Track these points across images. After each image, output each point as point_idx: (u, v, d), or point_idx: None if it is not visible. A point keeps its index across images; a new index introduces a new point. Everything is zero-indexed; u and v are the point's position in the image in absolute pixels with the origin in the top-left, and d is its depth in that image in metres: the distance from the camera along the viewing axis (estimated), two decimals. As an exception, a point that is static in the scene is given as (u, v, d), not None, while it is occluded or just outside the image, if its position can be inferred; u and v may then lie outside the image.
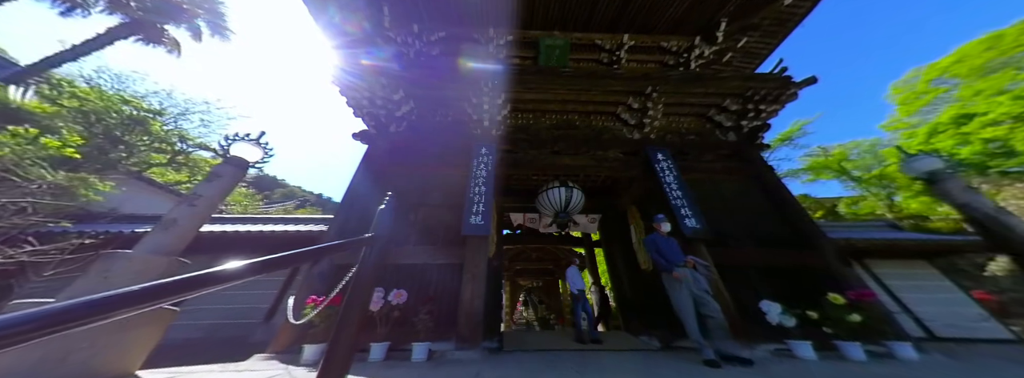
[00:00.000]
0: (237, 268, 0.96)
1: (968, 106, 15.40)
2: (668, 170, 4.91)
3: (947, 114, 15.72)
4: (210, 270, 0.89)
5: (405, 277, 3.75)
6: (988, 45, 15.62)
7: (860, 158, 19.39)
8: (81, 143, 5.47)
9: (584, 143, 5.49)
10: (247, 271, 1.04)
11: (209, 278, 0.86)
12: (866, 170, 18.75)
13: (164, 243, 2.58)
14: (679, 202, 4.51)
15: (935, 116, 16.79)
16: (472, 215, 4.17)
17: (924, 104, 17.93)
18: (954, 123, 15.46)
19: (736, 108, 5.50)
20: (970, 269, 7.41)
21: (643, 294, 5.70)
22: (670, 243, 3.59)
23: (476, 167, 4.75)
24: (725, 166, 5.29)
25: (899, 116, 18.92)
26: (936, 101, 17.49)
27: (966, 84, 16.09)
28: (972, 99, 15.49)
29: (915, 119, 18.30)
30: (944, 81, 17.35)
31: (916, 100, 18.09)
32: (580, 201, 5.71)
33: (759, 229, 4.49)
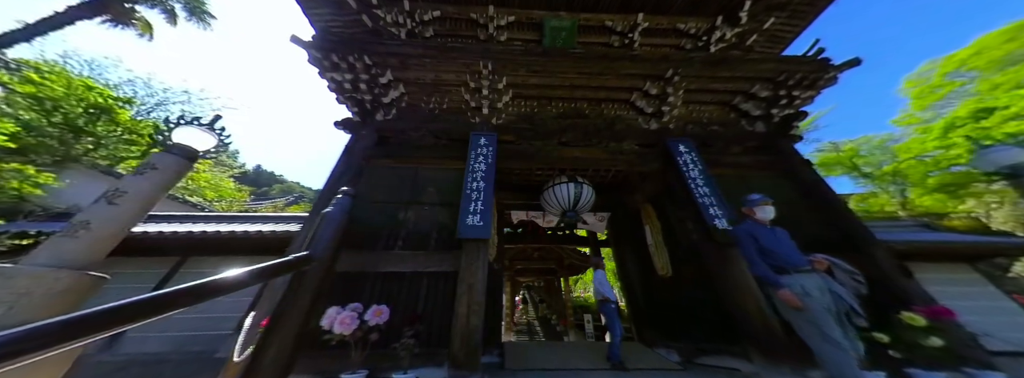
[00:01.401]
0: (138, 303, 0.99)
1: (987, 100, 14.81)
2: (692, 164, 4.32)
3: (965, 108, 15.14)
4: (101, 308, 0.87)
5: (389, 289, 3.18)
6: (1009, 36, 14.99)
7: (870, 154, 18.86)
8: (13, 131, 4.85)
9: (595, 133, 4.89)
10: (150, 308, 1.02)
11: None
12: (877, 166, 18.22)
13: (68, 252, 1.99)
14: (706, 200, 3.93)
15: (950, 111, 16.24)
16: (469, 215, 3.59)
17: (939, 98, 17.34)
18: (973, 117, 14.87)
19: (766, 94, 4.90)
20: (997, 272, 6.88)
21: (659, 301, 5.15)
22: (777, 236, 2.62)
23: (474, 160, 4.16)
24: (754, 160, 4.70)
25: (912, 111, 18.33)
26: (951, 95, 16.91)
27: (985, 77, 15.49)
28: (991, 93, 14.89)
29: (929, 114, 17.73)
30: (961, 74, 16.76)
31: (931, 94, 17.50)
32: (590, 198, 5.13)
33: (798, 231, 3.91)
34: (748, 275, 3.31)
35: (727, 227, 3.65)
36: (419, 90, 5.08)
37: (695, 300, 4.31)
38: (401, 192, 4.08)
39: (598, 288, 4.47)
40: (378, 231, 3.63)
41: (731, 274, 3.40)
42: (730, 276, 3.40)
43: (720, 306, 3.82)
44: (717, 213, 3.79)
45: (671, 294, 4.84)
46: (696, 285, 4.31)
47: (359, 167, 4.17)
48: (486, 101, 4.80)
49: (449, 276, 3.31)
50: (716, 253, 3.59)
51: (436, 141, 4.67)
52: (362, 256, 3.35)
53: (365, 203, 3.91)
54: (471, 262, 3.29)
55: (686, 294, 4.51)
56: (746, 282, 3.28)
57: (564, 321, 12.08)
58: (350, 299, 2.87)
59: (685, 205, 4.24)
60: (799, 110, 4.89)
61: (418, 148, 4.53)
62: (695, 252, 4.41)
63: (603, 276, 4.64)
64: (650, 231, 5.16)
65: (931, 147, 15.80)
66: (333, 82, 4.55)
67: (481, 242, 3.45)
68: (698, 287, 4.27)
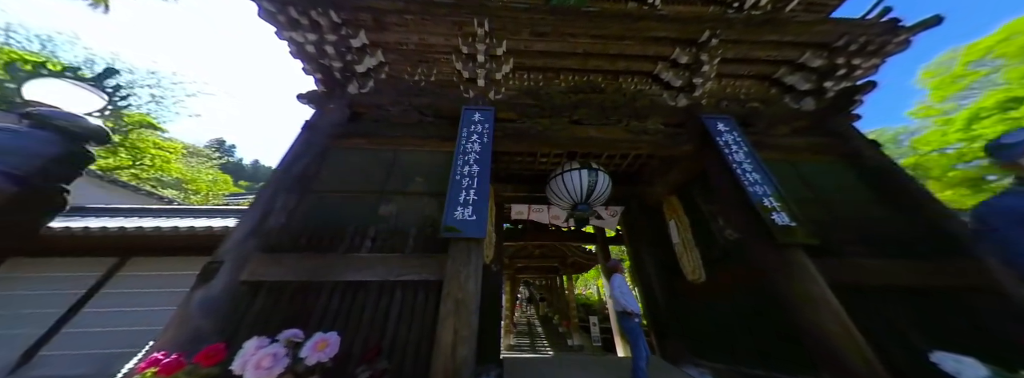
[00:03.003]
0: None
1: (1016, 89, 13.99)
2: (736, 144, 3.51)
3: (991, 98, 14.32)
4: None
5: (348, 306, 2.37)
6: (1043, 20, 14.10)
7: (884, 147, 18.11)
8: None
9: (614, 110, 4.07)
10: None
11: None
12: (894, 160, 17.43)
13: None
14: (758, 189, 3.12)
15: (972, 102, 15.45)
16: (458, 207, 2.78)
17: (960, 88, 16.51)
18: (1000, 108, 14.05)
19: (819, 64, 4.07)
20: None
21: (687, 310, 4.37)
22: None
23: (466, 138, 3.34)
24: (805, 142, 3.89)
25: (931, 102, 17.51)
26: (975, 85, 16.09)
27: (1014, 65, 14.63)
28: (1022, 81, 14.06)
29: (949, 105, 16.91)
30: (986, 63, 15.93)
31: (952, 84, 16.66)
32: (607, 188, 4.32)
33: (871, 230, 3.12)
34: (823, 286, 2.52)
35: (791, 223, 2.85)
36: (402, 58, 4.24)
37: (737, 312, 3.53)
38: (374, 179, 3.27)
39: (617, 297, 3.67)
40: (341, 228, 2.82)
41: (799, 283, 2.61)
42: (797, 286, 2.61)
43: (773, 321, 3.04)
44: (773, 204, 2.99)
45: (703, 303, 4.06)
46: (739, 293, 3.53)
47: (322, 148, 3.35)
48: (482, 71, 3.96)
49: (430, 287, 2.51)
50: (775, 256, 2.79)
51: (421, 118, 3.84)
52: (315, 260, 2.55)
53: (326, 192, 3.10)
54: (460, 268, 2.49)
55: (724, 304, 3.73)
56: (821, 294, 2.49)
57: (567, 323, 11.35)
58: (290, 323, 2.07)
59: (726, 196, 3.45)
60: (858, 83, 4.06)
61: (399, 126, 3.71)
62: (736, 253, 3.62)
63: (622, 282, 3.84)
64: (676, 227, 4.37)
65: (953, 139, 15.03)
66: (294, 45, 3.70)
67: (473, 242, 2.64)
68: (742, 296, 3.49)
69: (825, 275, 2.56)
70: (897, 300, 2.60)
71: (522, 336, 12.94)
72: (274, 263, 2.51)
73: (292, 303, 2.37)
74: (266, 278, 2.44)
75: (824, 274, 2.57)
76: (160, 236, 4.12)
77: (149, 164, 8.43)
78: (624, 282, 3.84)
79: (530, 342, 11.57)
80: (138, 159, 8.31)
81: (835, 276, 2.62)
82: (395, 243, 2.78)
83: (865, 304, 2.57)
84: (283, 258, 2.55)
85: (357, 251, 2.68)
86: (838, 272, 2.68)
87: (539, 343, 11.58)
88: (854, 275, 2.74)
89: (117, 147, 8.15)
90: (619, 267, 4.11)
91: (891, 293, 2.64)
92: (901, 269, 2.73)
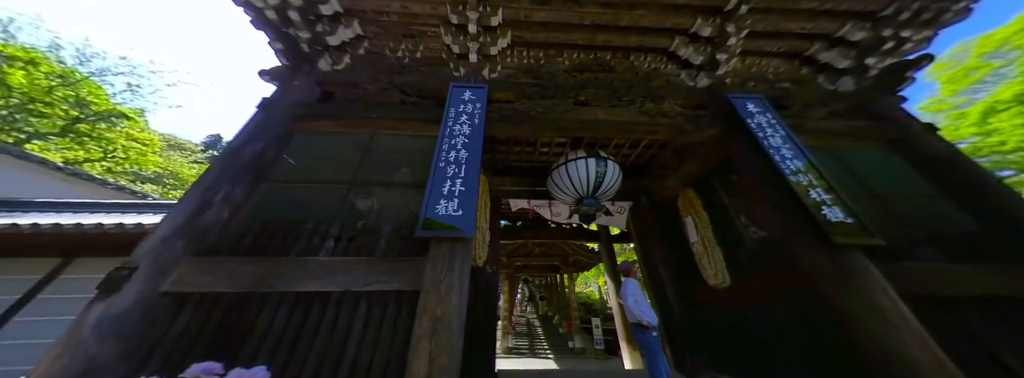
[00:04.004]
0: None
1: (1034, 81, 13.50)
2: (771, 128, 3.00)
3: (1008, 91, 13.84)
4: None
5: (294, 324, 1.86)
6: (1066, 8, 13.57)
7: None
8: None
9: (626, 90, 3.55)
10: None
11: None
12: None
13: None
14: (802, 178, 2.61)
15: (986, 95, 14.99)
16: (441, 199, 2.26)
17: (973, 82, 16.03)
18: (1017, 101, 13.58)
19: (861, 37, 3.54)
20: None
21: (708, 319, 3.87)
22: None
23: (454, 119, 2.82)
24: (847, 126, 3.37)
25: (943, 96, 17.03)
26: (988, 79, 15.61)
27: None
28: (1037, 73, 13.56)
29: (961, 99, 16.43)
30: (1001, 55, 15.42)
31: (964, 78, 16.17)
32: (616, 180, 3.81)
33: (938, 229, 2.62)
34: (895, 298, 2.01)
35: (846, 219, 2.34)
36: (383, 32, 3.70)
37: (771, 323, 3.03)
38: (344, 167, 2.75)
39: (631, 307, 3.15)
40: (298, 225, 2.31)
41: (860, 293, 2.10)
42: (858, 296, 2.10)
43: (819, 335, 2.54)
44: (822, 197, 2.48)
45: (727, 311, 3.57)
46: (773, 301, 3.02)
47: (283, 130, 2.82)
48: (474, 44, 3.43)
49: (404, 299, 2.00)
50: (826, 259, 2.29)
51: (404, 98, 3.32)
52: (261, 266, 2.03)
53: (285, 183, 2.58)
54: (441, 276, 1.97)
55: (754, 313, 3.23)
56: (894, 309, 1.98)
57: (569, 324, 10.87)
58: (220, 348, 1.57)
59: (759, 187, 2.94)
60: (906, 58, 3.54)
61: (377, 106, 3.18)
62: (768, 254, 3.12)
63: (636, 289, 3.32)
64: (695, 225, 3.86)
65: (967, 134, 14.54)
66: (251, 10, 3.16)
67: (459, 243, 2.13)
68: (777, 305, 2.99)
69: (900, 283, 2.05)
70: (986, 314, 2.10)
71: (521, 337, 12.48)
72: (208, 269, 2.00)
73: (226, 321, 1.85)
74: (195, 288, 1.93)
75: (899, 282, 2.06)
76: (106, 234, 3.60)
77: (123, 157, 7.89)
78: (638, 288, 3.33)
79: (529, 344, 11.11)
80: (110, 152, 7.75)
81: (910, 283, 2.12)
82: (363, 244, 2.26)
83: (945, 315, 2.07)
84: (220, 263, 2.03)
85: (315, 254, 2.16)
86: (905, 279, 2.18)
87: (538, 345, 11.12)
88: (927, 283, 2.24)
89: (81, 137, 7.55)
90: (632, 271, 3.59)
91: (978, 305, 2.13)
92: (987, 276, 2.23)
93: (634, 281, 3.41)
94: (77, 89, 7.26)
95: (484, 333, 3.86)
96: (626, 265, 3.77)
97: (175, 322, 1.83)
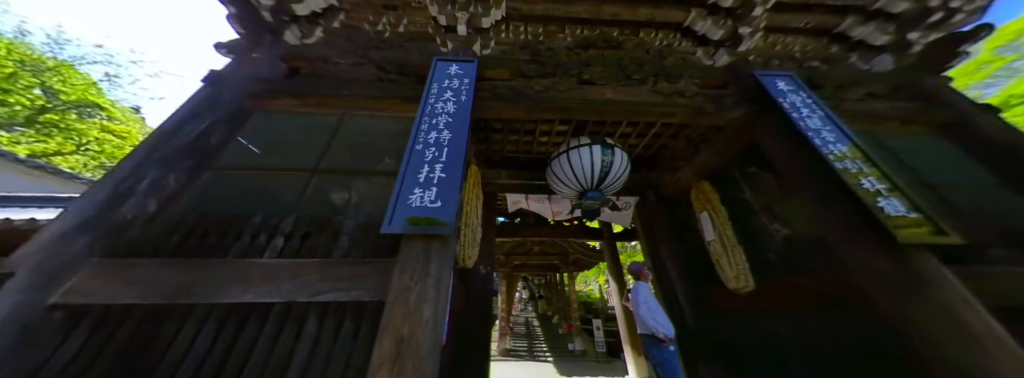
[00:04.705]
0: None
1: (1050, 74, 13.09)
2: (808, 108, 2.58)
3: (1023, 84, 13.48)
4: None
5: (220, 347, 1.45)
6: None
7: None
8: None
9: (636, 68, 3.12)
10: None
11: None
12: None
13: None
14: (849, 164, 2.20)
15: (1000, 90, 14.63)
16: (416, 188, 1.84)
17: (985, 76, 15.63)
18: (1032, 94, 13.17)
19: (904, 8, 3.11)
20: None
21: (726, 327, 3.46)
22: None
23: (436, 96, 2.39)
24: (891, 108, 2.95)
25: (954, 90, 16.56)
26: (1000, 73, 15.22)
27: (1047, 49, 13.71)
28: (1057, 66, 13.14)
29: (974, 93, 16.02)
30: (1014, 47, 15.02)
31: (977, 72, 15.75)
32: (624, 170, 3.39)
33: (1007, 225, 2.21)
34: (985, 315, 1.60)
35: (906, 212, 1.93)
36: (362, 1, 3.27)
37: (806, 336, 2.63)
38: (307, 152, 2.33)
39: (643, 317, 2.72)
40: (242, 220, 1.89)
41: (935, 305, 1.69)
42: (934, 311, 1.69)
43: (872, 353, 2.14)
44: (878, 187, 2.06)
45: (751, 319, 3.16)
46: (810, 311, 2.61)
47: (235, 109, 2.39)
48: (464, 14, 3.00)
49: (367, 311, 1.59)
50: (886, 261, 1.87)
51: (381, 75, 2.89)
52: (186, 270, 1.62)
53: (233, 170, 2.17)
54: (410, 283, 1.55)
55: (784, 322, 2.82)
56: (984, 326, 1.57)
57: (569, 326, 10.49)
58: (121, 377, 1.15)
59: (794, 178, 2.52)
60: (959, 31, 3.12)
61: (349, 83, 2.75)
62: (802, 255, 2.71)
63: (649, 295, 2.90)
64: (712, 221, 3.44)
65: None
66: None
67: (436, 241, 1.71)
68: (815, 314, 2.58)
69: (989, 294, 1.64)
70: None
71: (519, 338, 12.11)
72: (118, 275, 1.58)
73: (133, 342, 1.44)
74: (98, 299, 1.51)
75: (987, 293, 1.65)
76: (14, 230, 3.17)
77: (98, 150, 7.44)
78: (651, 294, 2.91)
79: (528, 346, 10.74)
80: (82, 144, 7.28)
81: (980, 294, 1.71)
82: (321, 243, 1.85)
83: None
84: (134, 267, 1.62)
85: (258, 255, 1.75)
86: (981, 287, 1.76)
87: (537, 347, 10.75)
88: (1007, 292, 1.83)
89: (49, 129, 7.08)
90: (644, 273, 3.17)
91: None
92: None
93: (646, 286, 2.98)
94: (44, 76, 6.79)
95: (477, 342, 3.46)
96: (636, 266, 3.34)
97: (65, 343, 1.42)
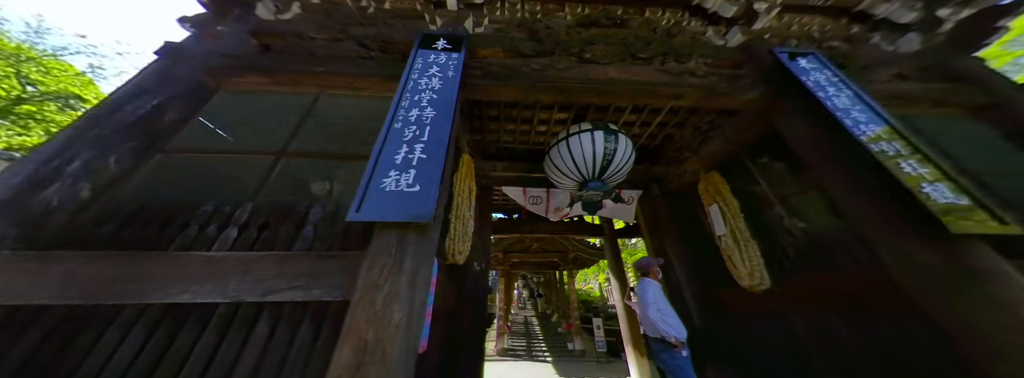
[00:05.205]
0: None
1: (1062, 68, 12.84)
2: (834, 87, 2.33)
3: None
4: None
5: (149, 357, 1.20)
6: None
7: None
8: None
9: (643, 46, 2.86)
10: None
11: None
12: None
13: None
14: (885, 147, 1.95)
15: (1008, 85, 14.31)
16: (392, 170, 1.59)
17: (993, 70, 15.32)
18: (1042, 89, 12.87)
19: (935, -19, 2.85)
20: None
21: (738, 329, 3.22)
22: None
23: (420, 71, 2.14)
24: (925, 90, 2.70)
25: (960, 86, 16.32)
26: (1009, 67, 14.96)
27: (1059, 42, 13.44)
28: (1069, 59, 12.89)
29: (980, 88, 15.73)
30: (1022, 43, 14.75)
31: (984, 66, 15.44)
32: (629, 159, 3.14)
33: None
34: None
35: (956, 199, 1.68)
36: (342, -25, 3.00)
37: (829, 340, 2.38)
38: (275, 134, 2.07)
39: (652, 319, 2.41)
40: (191, 208, 1.64)
41: (997, 307, 1.44)
42: (995, 313, 1.44)
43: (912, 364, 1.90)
44: (920, 172, 1.81)
45: (766, 320, 2.91)
46: (834, 311, 2.37)
47: (194, 86, 2.13)
48: (454, -13, 2.73)
49: (329, 313, 1.34)
50: (939, 256, 1.62)
51: (363, 52, 2.62)
52: (117, 264, 1.36)
53: (187, 153, 1.91)
54: (380, 278, 1.30)
55: (805, 325, 2.57)
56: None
57: (568, 324, 10.26)
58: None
59: (821, 164, 2.27)
60: (998, 4, 2.85)
61: (326, 60, 2.49)
62: (828, 250, 2.46)
63: (658, 293, 2.62)
64: (722, 214, 3.19)
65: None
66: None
67: (412, 230, 1.46)
68: (840, 316, 2.33)
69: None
70: None
71: (517, 337, 11.89)
72: (31, 270, 1.33)
73: (42, 351, 1.19)
74: (2, 299, 1.26)
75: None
76: None
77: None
78: (661, 293, 2.64)
79: (526, 345, 10.52)
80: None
81: None
82: (281, 234, 1.60)
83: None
84: (53, 261, 1.36)
85: (205, 248, 1.49)
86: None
87: (536, 346, 10.53)
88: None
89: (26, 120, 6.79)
90: (653, 270, 2.89)
91: None
92: None
93: (654, 284, 2.71)
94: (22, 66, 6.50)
95: (470, 344, 3.21)
96: (645, 262, 3.06)
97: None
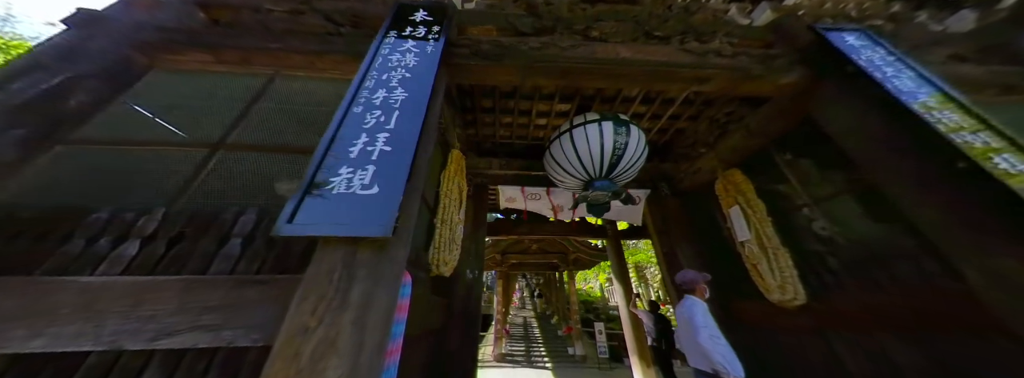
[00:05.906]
0: None
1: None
2: (892, 67, 1.94)
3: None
4: None
5: None
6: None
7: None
8: None
9: (658, 24, 2.47)
10: None
11: None
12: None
13: None
14: (969, 138, 1.57)
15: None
16: (344, 166, 1.20)
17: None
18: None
19: (997, -53, 2.46)
20: None
21: (761, 346, 2.85)
22: None
23: (392, 47, 1.75)
24: (987, 73, 2.32)
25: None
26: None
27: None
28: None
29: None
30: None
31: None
32: (641, 154, 2.75)
33: None
34: None
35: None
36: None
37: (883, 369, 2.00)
38: (215, 123, 1.68)
39: (703, 345, 1.75)
40: (79, 216, 1.25)
41: None
42: None
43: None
44: (1019, 168, 1.44)
45: (800, 341, 2.54)
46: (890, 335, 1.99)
47: (115, 64, 1.74)
48: (438, -46, 2.33)
49: (246, 363, 0.95)
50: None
51: (330, 28, 2.23)
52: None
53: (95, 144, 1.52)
54: (312, 318, 0.92)
55: (850, 350, 2.19)
56: None
57: (569, 328, 9.91)
58: None
59: (878, 156, 1.89)
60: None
61: (284, 36, 2.09)
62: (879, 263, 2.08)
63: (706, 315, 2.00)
64: (745, 218, 2.81)
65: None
66: None
67: (366, 247, 1.07)
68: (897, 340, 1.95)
69: None
70: None
71: (516, 340, 11.53)
72: None
73: None
74: None
75: None
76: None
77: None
78: (710, 317, 2.10)
79: (525, 349, 10.16)
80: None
81: None
82: (196, 249, 1.21)
83: None
84: None
85: (84, 271, 1.11)
86: None
87: (535, 350, 10.18)
88: None
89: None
90: (700, 287, 2.28)
91: None
92: None
93: (702, 305, 2.16)
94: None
95: (459, 365, 2.84)
96: (691, 278, 2.41)
97: None
